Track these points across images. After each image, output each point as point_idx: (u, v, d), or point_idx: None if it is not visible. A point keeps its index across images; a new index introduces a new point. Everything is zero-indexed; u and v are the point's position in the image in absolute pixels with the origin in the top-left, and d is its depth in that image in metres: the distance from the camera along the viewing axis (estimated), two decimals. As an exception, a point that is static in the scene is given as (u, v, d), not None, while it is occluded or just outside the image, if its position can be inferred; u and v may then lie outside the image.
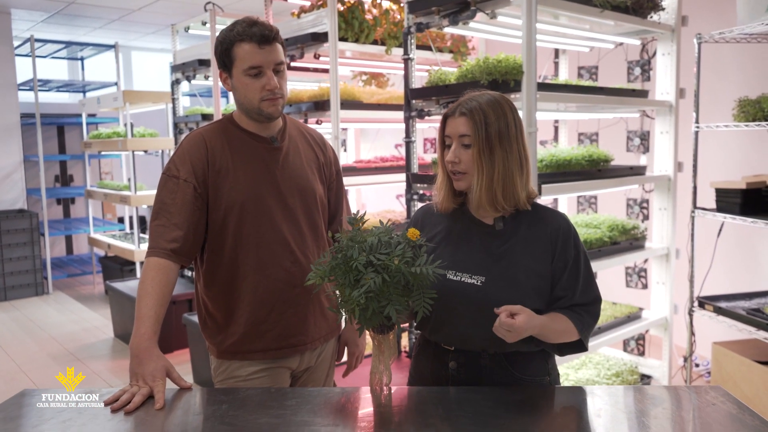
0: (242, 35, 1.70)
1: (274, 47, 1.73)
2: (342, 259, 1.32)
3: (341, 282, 1.32)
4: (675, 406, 1.49)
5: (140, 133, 6.04)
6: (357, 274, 1.30)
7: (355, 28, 3.74)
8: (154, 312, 1.64)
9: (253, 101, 1.74)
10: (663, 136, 3.56)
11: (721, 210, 3.27)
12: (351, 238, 1.37)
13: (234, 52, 1.72)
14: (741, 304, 3.35)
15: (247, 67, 1.71)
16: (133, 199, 5.94)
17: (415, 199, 3.18)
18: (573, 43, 3.72)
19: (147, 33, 7.86)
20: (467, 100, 1.53)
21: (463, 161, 1.51)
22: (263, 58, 1.70)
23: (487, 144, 1.48)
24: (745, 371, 3.21)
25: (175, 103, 5.30)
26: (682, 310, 3.61)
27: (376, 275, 1.28)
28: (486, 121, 1.49)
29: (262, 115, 1.76)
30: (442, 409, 1.42)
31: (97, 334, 5.42)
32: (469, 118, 1.50)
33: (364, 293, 1.26)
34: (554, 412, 1.50)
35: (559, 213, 1.62)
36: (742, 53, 3.77)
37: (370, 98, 3.99)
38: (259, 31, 1.70)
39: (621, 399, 1.54)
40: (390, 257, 1.30)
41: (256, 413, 1.41)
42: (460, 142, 1.52)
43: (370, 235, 1.38)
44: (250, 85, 1.72)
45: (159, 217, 1.73)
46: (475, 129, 1.49)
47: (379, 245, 1.33)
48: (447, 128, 1.55)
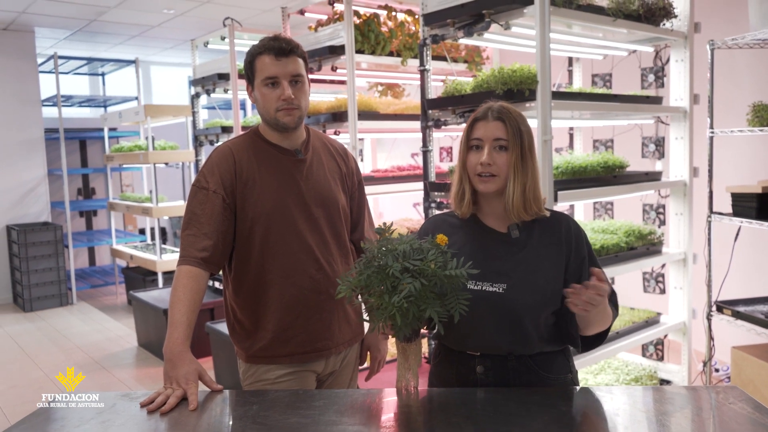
0: (262, 48, 1.82)
1: (291, 60, 1.82)
2: (377, 267, 1.37)
3: (377, 290, 1.38)
4: (693, 406, 1.52)
5: (161, 146, 6.17)
6: (394, 281, 1.35)
7: (371, 40, 3.82)
8: (186, 318, 1.70)
9: (270, 111, 1.83)
10: (678, 142, 3.59)
11: (737, 214, 3.29)
12: (382, 247, 1.42)
13: (255, 65, 1.83)
14: (759, 308, 3.36)
15: (264, 77, 1.81)
16: (155, 210, 6.06)
17: (432, 207, 3.23)
18: (586, 52, 3.76)
19: (165, 48, 8.03)
20: (495, 106, 1.59)
21: (497, 164, 1.56)
22: (279, 69, 1.80)
23: (521, 150, 1.56)
24: (765, 375, 3.21)
25: (195, 117, 5.41)
26: (700, 314, 3.61)
27: (414, 280, 1.34)
28: (519, 128, 1.56)
29: (279, 124, 1.84)
30: (465, 410, 1.47)
31: (122, 344, 5.53)
32: (506, 123, 1.56)
33: (405, 298, 1.32)
34: (574, 412, 1.54)
35: (564, 214, 1.68)
36: (754, 59, 3.79)
37: (386, 109, 4.07)
38: (277, 45, 1.80)
39: (640, 399, 1.57)
40: (424, 262, 1.36)
41: (286, 413, 1.47)
42: (495, 144, 1.56)
43: (399, 243, 1.44)
44: (267, 95, 1.82)
45: (189, 227, 1.81)
46: (512, 134, 1.55)
47: (411, 252, 1.39)
48: (477, 131, 1.59)
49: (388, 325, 1.46)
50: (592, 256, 1.64)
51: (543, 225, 1.63)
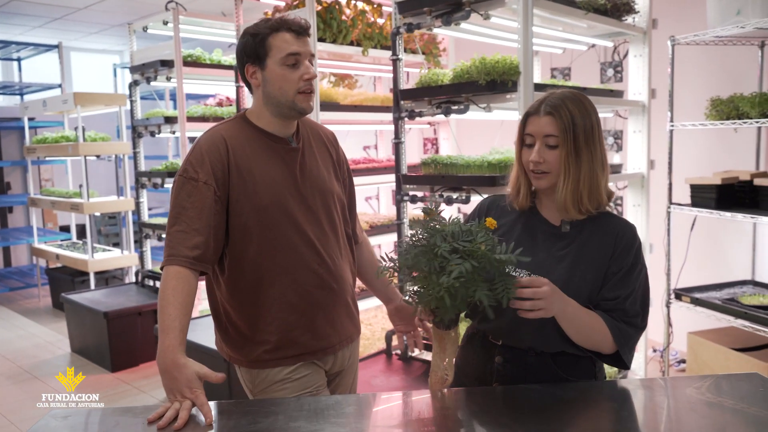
0: (279, 25, 1.68)
1: (308, 40, 1.71)
2: (425, 247, 1.29)
3: (425, 270, 1.29)
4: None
5: (91, 138, 5.76)
6: (442, 261, 1.28)
7: (333, 28, 3.69)
8: (178, 323, 1.54)
9: (288, 93, 1.69)
10: (636, 135, 3.68)
11: (696, 205, 3.42)
12: (430, 228, 1.34)
13: (269, 43, 1.68)
14: (713, 295, 3.51)
15: (286, 54, 1.67)
16: (86, 206, 5.65)
17: (406, 200, 3.16)
18: (546, 44, 3.80)
19: (90, 33, 7.54)
20: (551, 98, 1.51)
21: (548, 161, 1.50)
22: (301, 47, 1.68)
23: (574, 146, 1.47)
24: (722, 359, 3.36)
25: (133, 106, 5.09)
26: (656, 302, 3.74)
27: (464, 261, 1.26)
28: (573, 122, 1.47)
29: (295, 110, 1.71)
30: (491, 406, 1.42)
31: (52, 350, 5.13)
32: (556, 118, 1.48)
33: (456, 278, 1.24)
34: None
35: (628, 223, 1.59)
36: (703, 55, 3.95)
37: (344, 100, 3.96)
38: (296, 23, 1.68)
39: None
40: (474, 244, 1.29)
41: (318, 422, 1.36)
42: (545, 142, 1.50)
43: (448, 225, 1.36)
44: (287, 76, 1.68)
45: (178, 223, 1.64)
46: (563, 129, 1.47)
47: (461, 233, 1.32)
48: (529, 127, 1.53)
49: (428, 310, 1.38)
50: (632, 272, 1.51)
51: (597, 225, 1.55)
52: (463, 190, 2.85)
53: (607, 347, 1.49)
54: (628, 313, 1.50)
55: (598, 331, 1.47)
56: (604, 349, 1.50)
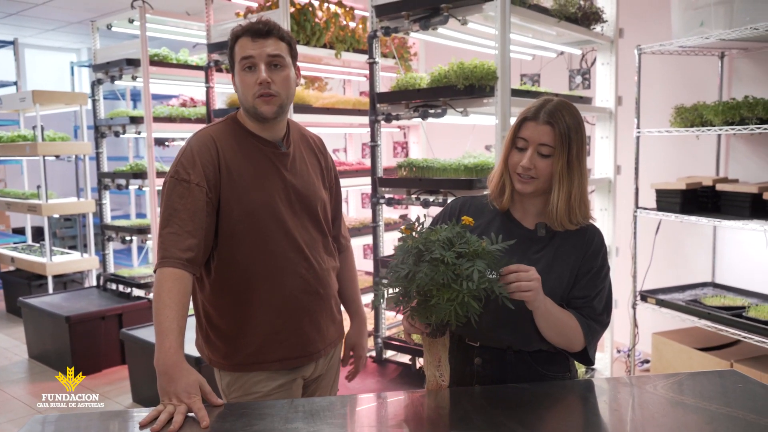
0: (240, 31, 1.69)
1: (270, 41, 1.68)
2: (433, 261, 1.29)
3: (439, 283, 1.29)
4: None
5: (50, 137, 5.58)
6: (455, 268, 1.28)
7: (307, 30, 3.68)
8: (176, 324, 1.52)
9: (248, 97, 1.69)
10: (603, 141, 3.78)
11: (661, 209, 3.52)
12: (424, 240, 1.34)
13: (235, 49, 1.70)
14: (677, 296, 3.62)
15: (240, 58, 1.67)
16: (44, 208, 5.47)
17: (381, 203, 3.17)
18: (517, 50, 3.86)
19: (47, 30, 7.31)
20: (550, 107, 1.51)
21: (537, 168, 1.51)
22: (255, 50, 1.66)
23: (567, 159, 1.50)
24: (685, 358, 3.47)
25: (96, 105, 4.96)
26: (621, 304, 3.84)
27: (474, 263, 1.27)
28: (569, 135, 1.49)
29: (257, 114, 1.70)
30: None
31: (8, 356, 4.94)
32: (555, 129, 1.49)
33: (478, 281, 1.25)
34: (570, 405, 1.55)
35: (595, 227, 1.63)
36: (668, 64, 4.08)
37: (316, 102, 3.95)
38: (253, 26, 1.68)
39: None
40: (473, 244, 1.30)
41: (315, 423, 1.35)
42: (539, 150, 1.51)
43: (436, 233, 1.37)
44: (245, 80, 1.68)
45: (170, 225, 1.62)
46: (560, 142, 1.49)
47: (456, 238, 1.33)
48: (524, 131, 1.53)
49: (424, 323, 1.39)
50: (599, 273, 1.57)
51: (569, 231, 1.58)
52: (440, 193, 2.88)
53: (578, 344, 1.54)
54: (595, 311, 1.56)
55: (571, 327, 1.53)
56: (575, 345, 1.55)
